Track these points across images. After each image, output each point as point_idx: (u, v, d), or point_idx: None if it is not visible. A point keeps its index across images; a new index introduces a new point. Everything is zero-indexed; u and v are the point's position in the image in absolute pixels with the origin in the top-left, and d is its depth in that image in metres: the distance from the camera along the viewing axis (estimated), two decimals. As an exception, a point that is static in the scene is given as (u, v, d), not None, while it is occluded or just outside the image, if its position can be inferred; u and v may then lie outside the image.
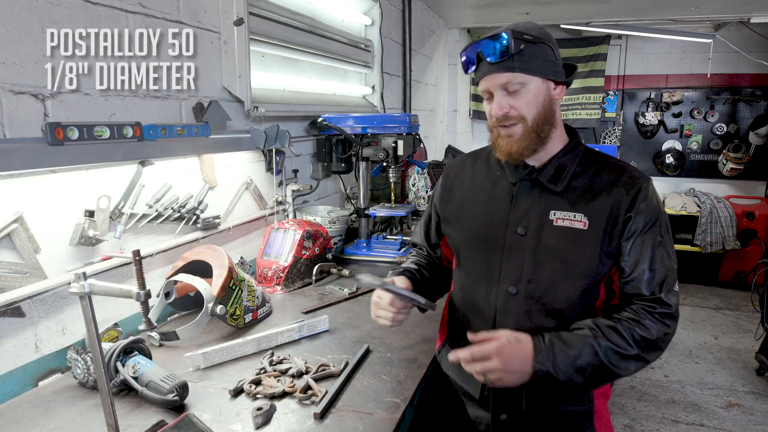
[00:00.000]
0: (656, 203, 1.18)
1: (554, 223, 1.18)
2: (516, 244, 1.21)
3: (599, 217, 1.16)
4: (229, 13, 1.84)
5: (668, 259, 1.17)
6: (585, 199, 1.18)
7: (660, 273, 1.16)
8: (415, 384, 1.28)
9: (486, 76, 1.17)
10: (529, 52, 1.13)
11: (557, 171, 1.20)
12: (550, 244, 1.18)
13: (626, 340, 1.11)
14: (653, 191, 1.19)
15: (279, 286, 1.96)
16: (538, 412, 1.23)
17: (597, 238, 1.15)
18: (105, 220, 1.46)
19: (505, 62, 1.13)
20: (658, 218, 1.17)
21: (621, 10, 4.56)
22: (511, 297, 1.21)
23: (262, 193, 2.21)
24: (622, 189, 1.17)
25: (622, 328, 1.12)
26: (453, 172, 1.42)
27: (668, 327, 1.14)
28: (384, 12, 3.27)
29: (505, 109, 1.16)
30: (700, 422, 3.04)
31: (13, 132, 1.21)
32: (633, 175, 1.19)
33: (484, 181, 1.31)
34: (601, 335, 1.12)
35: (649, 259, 1.15)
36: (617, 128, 6.08)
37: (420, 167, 3.03)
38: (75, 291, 0.93)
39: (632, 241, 1.16)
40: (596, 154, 1.26)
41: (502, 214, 1.24)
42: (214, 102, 1.79)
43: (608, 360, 1.11)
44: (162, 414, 1.13)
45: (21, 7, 1.21)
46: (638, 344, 1.12)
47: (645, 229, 1.16)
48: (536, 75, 1.15)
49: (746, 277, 5.21)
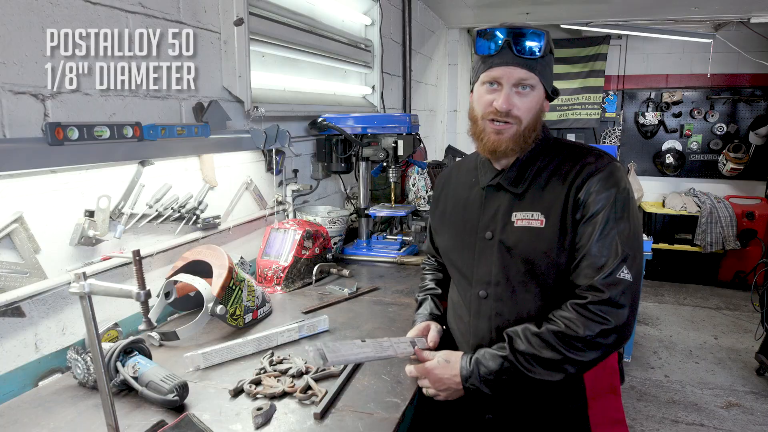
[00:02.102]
0: (612, 184, 1.10)
1: (515, 224, 1.19)
2: (485, 249, 1.23)
3: (554, 211, 1.14)
4: (229, 13, 1.84)
5: (619, 243, 1.07)
6: (543, 195, 1.17)
7: (601, 259, 1.07)
8: (415, 384, 1.28)
9: (505, 66, 1.14)
10: (547, 60, 1.17)
11: (519, 172, 1.22)
12: (510, 245, 1.19)
13: (548, 344, 1.07)
14: (613, 173, 1.12)
15: (279, 286, 1.96)
16: (523, 411, 1.24)
17: (554, 234, 1.13)
18: (105, 220, 1.46)
19: (530, 61, 1.14)
20: (613, 200, 1.09)
21: (621, 10, 4.55)
22: (483, 300, 1.24)
23: (262, 193, 2.21)
24: (575, 176, 1.14)
25: (546, 332, 1.08)
26: (442, 183, 1.47)
27: (605, 320, 1.04)
28: (384, 12, 3.27)
29: (511, 105, 1.15)
30: (700, 422, 3.04)
31: (13, 132, 1.21)
32: (589, 159, 1.14)
33: (463, 188, 1.35)
34: (521, 342, 1.10)
35: (594, 244, 1.08)
36: (617, 128, 6.08)
37: (420, 167, 3.02)
38: (75, 291, 0.93)
39: (581, 227, 1.11)
40: (561, 145, 1.24)
41: (474, 219, 1.27)
42: (214, 102, 1.79)
43: (526, 368, 1.09)
44: (162, 414, 1.13)
45: (21, 7, 1.21)
46: (562, 346, 1.06)
47: (595, 213, 1.09)
48: (543, 84, 1.18)
49: (746, 277, 5.21)
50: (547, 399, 1.22)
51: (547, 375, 1.09)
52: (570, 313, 1.08)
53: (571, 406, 1.24)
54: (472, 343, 1.26)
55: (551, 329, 1.09)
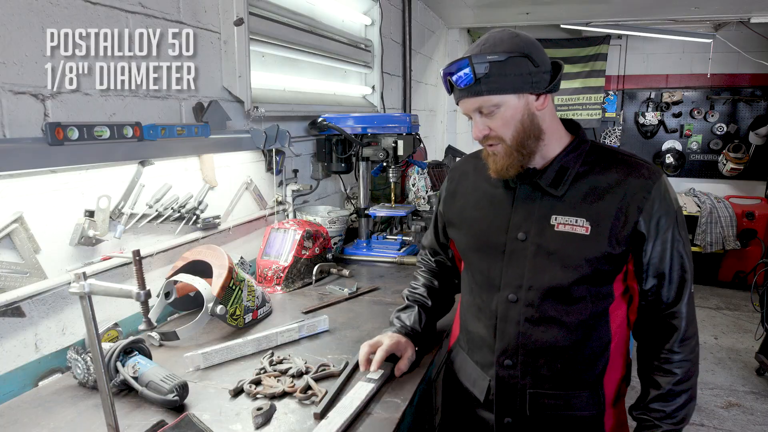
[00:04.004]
0: (670, 200, 1.13)
1: (555, 228, 1.15)
2: (516, 250, 1.18)
3: (604, 220, 1.12)
4: (229, 13, 1.84)
5: (687, 260, 1.16)
6: (588, 201, 1.14)
7: (676, 278, 1.15)
8: (415, 384, 1.28)
9: (460, 101, 1.16)
10: (497, 71, 1.09)
11: (558, 173, 1.16)
12: (550, 250, 1.15)
13: (676, 394, 1.16)
14: (666, 187, 1.14)
15: (279, 286, 1.96)
16: (543, 416, 1.21)
17: (601, 243, 1.11)
18: (105, 220, 1.46)
19: (473, 87, 1.11)
20: (675, 217, 1.13)
21: (621, 10, 4.55)
22: (512, 304, 1.19)
23: (262, 193, 2.21)
24: (630, 188, 1.12)
25: (663, 383, 1.16)
26: (457, 175, 1.40)
27: (688, 341, 1.16)
28: (384, 12, 3.27)
29: (484, 131, 1.15)
30: (700, 422, 3.04)
31: (13, 132, 1.21)
32: (642, 172, 1.14)
33: (485, 184, 1.29)
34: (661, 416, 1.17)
35: (669, 262, 1.13)
36: (617, 128, 6.08)
37: (420, 167, 3.02)
38: (75, 291, 0.93)
39: (649, 245, 1.12)
40: (603, 150, 1.21)
41: (502, 218, 1.22)
42: (214, 102, 1.79)
43: (683, 416, 1.17)
44: (162, 414, 1.13)
45: (21, 7, 1.21)
46: (685, 383, 1.16)
47: (661, 231, 1.12)
48: (509, 93, 1.11)
49: (746, 277, 5.21)
50: (566, 406, 1.21)
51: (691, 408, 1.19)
52: (671, 356, 1.17)
53: (593, 413, 1.22)
54: (498, 347, 1.22)
55: (669, 380, 1.17)
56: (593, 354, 1.18)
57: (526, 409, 1.21)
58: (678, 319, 1.16)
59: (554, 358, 1.18)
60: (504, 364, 1.21)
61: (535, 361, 1.19)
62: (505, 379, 1.22)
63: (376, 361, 1.26)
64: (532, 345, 1.18)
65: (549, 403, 1.20)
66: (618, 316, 1.21)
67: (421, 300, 1.45)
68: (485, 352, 1.26)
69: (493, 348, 1.23)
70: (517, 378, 1.21)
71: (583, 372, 1.19)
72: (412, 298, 1.47)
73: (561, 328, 1.16)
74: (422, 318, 1.41)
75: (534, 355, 1.18)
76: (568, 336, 1.16)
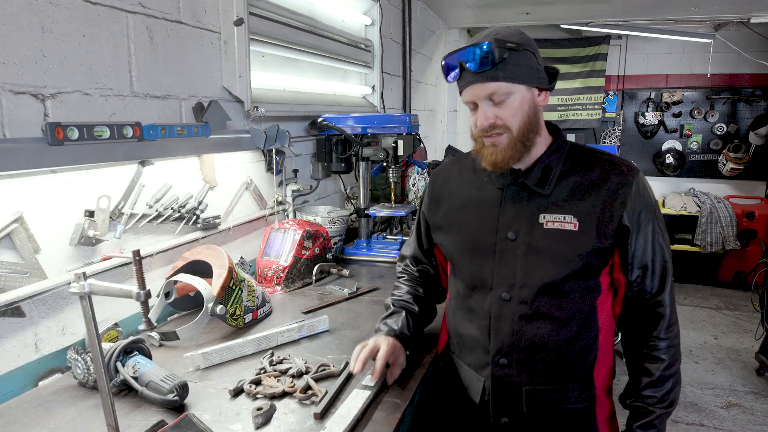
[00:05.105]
0: (648, 195, 1.19)
1: (544, 226, 1.17)
2: (507, 249, 1.20)
3: (590, 216, 1.15)
4: (229, 13, 1.84)
5: (668, 251, 1.22)
6: (574, 199, 1.17)
7: (659, 269, 1.20)
8: (415, 384, 1.28)
9: (470, 86, 1.15)
10: (513, 60, 1.10)
11: (544, 173, 1.19)
12: (541, 248, 1.17)
13: (665, 379, 1.21)
14: (644, 183, 1.19)
15: (279, 286, 1.96)
16: (539, 412, 1.23)
17: (589, 238, 1.14)
18: (105, 220, 1.46)
19: (489, 72, 1.10)
20: (654, 211, 1.19)
21: (621, 10, 4.56)
22: (505, 303, 1.20)
23: (262, 193, 2.21)
24: (612, 185, 1.16)
25: (653, 370, 1.22)
26: (440, 180, 1.40)
27: (672, 327, 1.23)
28: (384, 12, 3.27)
29: (491, 119, 1.14)
30: (700, 422, 3.04)
31: (13, 132, 1.21)
32: (621, 169, 1.19)
33: (471, 187, 1.30)
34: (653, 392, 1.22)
35: (651, 254, 1.18)
36: (617, 128, 6.08)
37: (420, 167, 3.03)
38: (75, 291, 0.93)
39: (633, 237, 1.16)
40: (582, 150, 1.25)
41: (491, 220, 1.23)
42: (214, 102, 1.79)
43: (672, 399, 1.24)
44: (162, 414, 1.13)
45: (21, 7, 1.21)
46: (672, 367, 1.22)
47: (643, 224, 1.16)
48: (521, 83, 1.12)
49: (746, 277, 5.21)
50: (561, 400, 1.22)
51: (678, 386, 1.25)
52: (657, 342, 1.23)
53: (585, 405, 1.24)
54: (492, 347, 1.22)
55: (653, 365, 1.22)
56: (584, 347, 1.21)
57: (523, 407, 1.22)
58: (663, 308, 1.21)
59: (548, 354, 1.19)
60: (499, 363, 1.22)
61: (530, 358, 1.20)
62: (501, 379, 1.22)
63: (377, 372, 1.23)
64: (527, 342, 1.19)
65: (545, 399, 1.22)
66: (605, 308, 1.24)
67: (407, 306, 1.42)
68: (478, 353, 1.26)
69: (487, 348, 1.24)
70: (512, 376, 1.21)
71: (575, 365, 1.21)
72: (398, 304, 1.43)
73: (554, 323, 1.18)
74: (410, 323, 1.37)
75: (528, 351, 1.20)
76: (561, 330, 1.18)
